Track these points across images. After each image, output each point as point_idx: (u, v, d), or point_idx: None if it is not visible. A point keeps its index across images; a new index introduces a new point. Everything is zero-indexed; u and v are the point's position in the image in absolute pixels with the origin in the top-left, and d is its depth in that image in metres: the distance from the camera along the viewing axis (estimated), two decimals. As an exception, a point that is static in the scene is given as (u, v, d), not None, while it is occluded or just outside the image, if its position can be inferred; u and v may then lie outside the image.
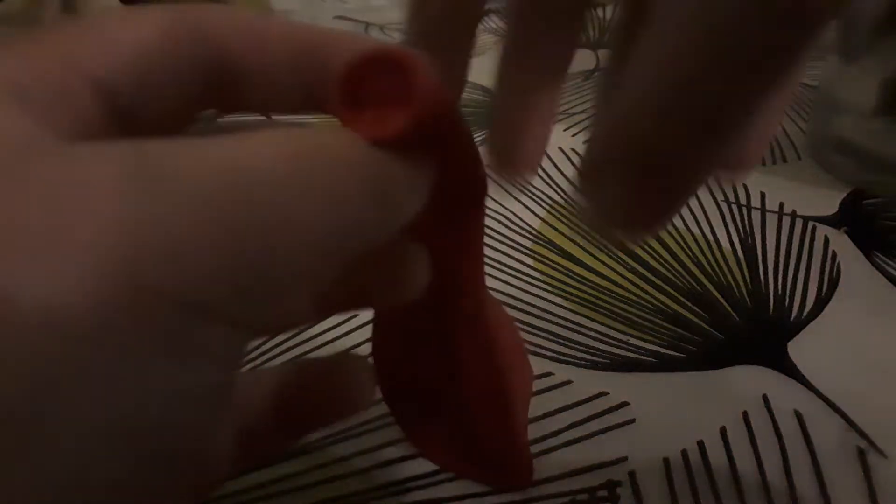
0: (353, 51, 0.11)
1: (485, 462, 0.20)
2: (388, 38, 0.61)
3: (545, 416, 0.22)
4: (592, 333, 0.26)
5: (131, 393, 0.08)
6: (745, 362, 0.24)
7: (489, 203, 0.27)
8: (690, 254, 0.30)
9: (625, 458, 0.21)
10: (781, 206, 0.34)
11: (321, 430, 0.20)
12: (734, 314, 0.26)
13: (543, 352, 0.25)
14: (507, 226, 0.32)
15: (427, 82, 0.11)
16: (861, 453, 0.21)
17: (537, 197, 0.34)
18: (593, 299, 0.27)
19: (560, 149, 0.38)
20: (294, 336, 0.25)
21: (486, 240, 0.31)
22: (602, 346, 0.25)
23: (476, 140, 0.14)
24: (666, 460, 0.21)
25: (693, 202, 0.34)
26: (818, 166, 0.38)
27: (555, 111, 0.15)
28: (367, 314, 0.25)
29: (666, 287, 0.28)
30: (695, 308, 0.27)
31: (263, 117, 0.19)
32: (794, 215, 0.33)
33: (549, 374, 0.24)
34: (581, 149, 0.38)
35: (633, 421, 0.22)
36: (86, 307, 0.08)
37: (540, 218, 0.32)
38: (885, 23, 0.32)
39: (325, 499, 0.19)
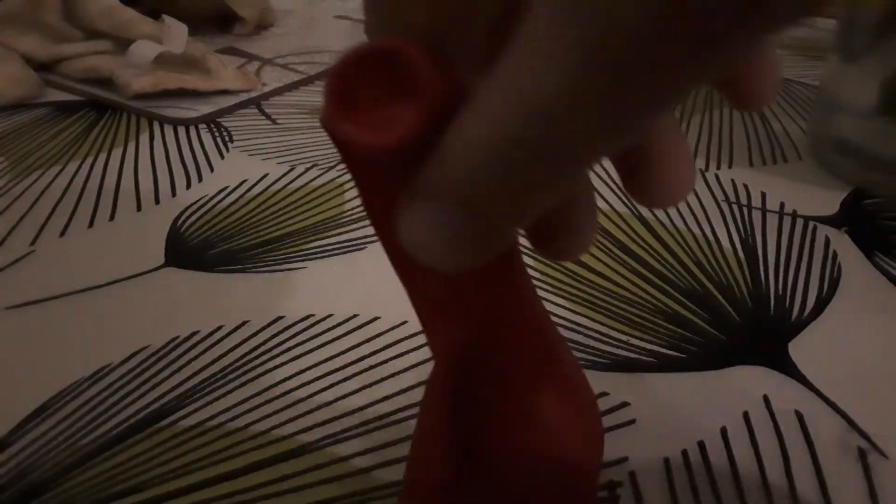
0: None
1: None
2: (389, 38, 0.61)
3: (545, 416, 0.22)
4: (592, 333, 0.26)
5: None
6: (745, 362, 0.24)
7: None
8: (690, 254, 0.30)
9: (625, 459, 0.21)
10: (782, 205, 0.34)
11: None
12: (734, 314, 0.26)
13: (543, 352, 0.25)
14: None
15: (436, 71, 0.10)
16: (861, 453, 0.21)
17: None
18: (593, 299, 0.27)
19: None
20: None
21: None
22: (602, 347, 0.25)
23: None
24: (666, 460, 0.21)
25: (693, 202, 0.34)
26: (818, 166, 0.38)
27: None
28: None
29: (666, 287, 0.28)
30: (695, 308, 0.27)
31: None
32: (794, 215, 0.33)
33: (549, 374, 0.24)
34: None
35: (633, 421, 0.22)
36: None
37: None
38: (886, 23, 0.32)
39: (325, 499, 0.19)
